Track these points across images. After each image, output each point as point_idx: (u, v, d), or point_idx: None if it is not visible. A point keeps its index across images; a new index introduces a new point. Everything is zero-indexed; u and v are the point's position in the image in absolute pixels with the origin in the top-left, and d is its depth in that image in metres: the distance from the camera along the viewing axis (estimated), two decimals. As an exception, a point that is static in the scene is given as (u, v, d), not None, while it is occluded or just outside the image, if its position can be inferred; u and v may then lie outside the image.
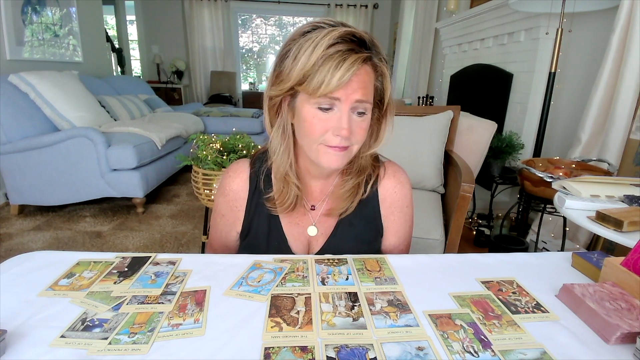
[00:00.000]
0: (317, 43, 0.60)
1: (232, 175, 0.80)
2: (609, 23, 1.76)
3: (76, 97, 2.80)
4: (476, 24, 2.98)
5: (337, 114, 0.64)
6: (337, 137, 0.64)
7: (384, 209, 0.81)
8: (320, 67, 0.60)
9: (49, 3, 3.24)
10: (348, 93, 0.62)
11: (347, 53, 0.60)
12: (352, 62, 0.60)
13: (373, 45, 0.65)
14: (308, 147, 0.68)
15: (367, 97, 0.64)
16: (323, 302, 0.60)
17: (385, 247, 0.85)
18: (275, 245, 0.80)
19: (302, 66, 0.61)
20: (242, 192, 0.80)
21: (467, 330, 0.54)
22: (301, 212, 0.80)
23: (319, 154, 0.67)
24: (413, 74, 4.70)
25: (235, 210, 0.81)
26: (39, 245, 2.19)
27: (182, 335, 0.53)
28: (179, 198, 3.06)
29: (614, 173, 1.54)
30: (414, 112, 2.04)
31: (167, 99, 5.75)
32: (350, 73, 0.60)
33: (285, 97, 0.68)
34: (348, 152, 0.68)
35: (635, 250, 0.63)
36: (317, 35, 0.61)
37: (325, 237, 0.80)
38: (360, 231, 0.80)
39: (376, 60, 0.65)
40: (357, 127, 0.66)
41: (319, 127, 0.64)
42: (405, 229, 0.85)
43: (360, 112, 0.65)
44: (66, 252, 0.75)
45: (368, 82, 0.64)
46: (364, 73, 0.63)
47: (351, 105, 0.63)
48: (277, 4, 6.28)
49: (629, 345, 0.52)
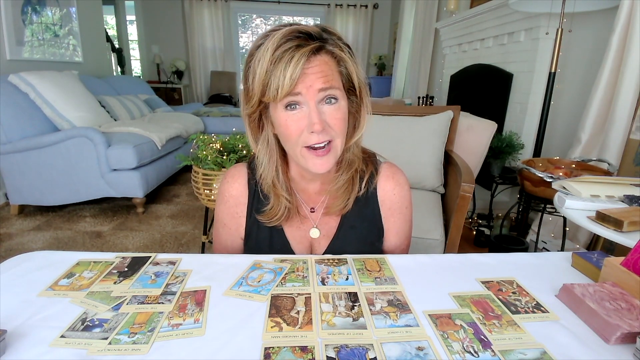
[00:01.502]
0: (266, 51, 0.60)
1: (230, 180, 0.80)
2: (609, 23, 1.76)
3: (76, 97, 2.80)
4: (476, 24, 2.98)
5: (306, 110, 0.64)
6: (312, 134, 0.64)
7: (384, 211, 0.81)
8: (272, 72, 0.60)
9: (49, 3, 3.24)
10: (307, 85, 0.62)
11: (294, 50, 0.60)
12: (300, 56, 0.60)
13: (325, 35, 0.65)
14: (293, 152, 0.68)
15: (329, 83, 0.63)
16: (323, 302, 0.60)
17: (387, 247, 0.85)
18: (278, 250, 0.79)
19: (260, 78, 0.62)
20: (241, 197, 0.80)
21: (467, 330, 0.54)
22: (302, 216, 0.80)
23: (305, 160, 0.67)
24: (413, 74, 4.70)
25: (236, 217, 0.81)
26: (39, 245, 2.20)
27: (182, 335, 0.53)
28: (179, 198, 3.06)
29: (614, 173, 1.54)
30: (414, 112, 2.04)
31: (167, 99, 5.75)
32: (299, 67, 0.60)
33: (262, 111, 0.69)
34: (333, 151, 0.67)
35: (635, 250, 0.63)
36: (268, 43, 0.61)
37: (329, 239, 0.80)
38: (363, 232, 0.81)
39: (330, 48, 0.64)
40: (332, 117, 0.65)
41: (293, 127, 0.64)
42: (406, 230, 0.85)
43: (330, 99, 0.64)
44: (66, 252, 0.75)
45: (327, 69, 0.63)
46: (320, 62, 0.63)
47: (316, 97, 0.63)
48: (277, 4, 6.28)
49: (629, 345, 0.52)
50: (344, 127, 0.67)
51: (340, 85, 0.66)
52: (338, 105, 0.65)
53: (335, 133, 0.66)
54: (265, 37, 0.63)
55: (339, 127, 0.66)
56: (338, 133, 0.66)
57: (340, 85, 0.66)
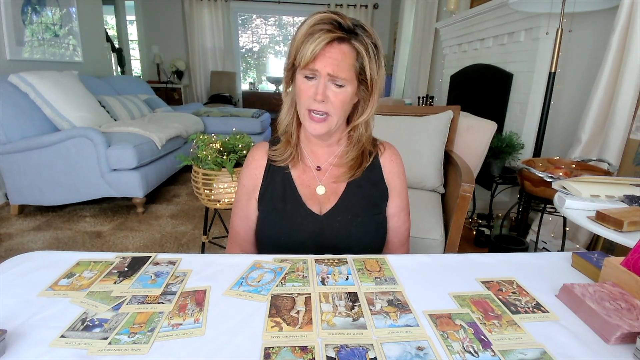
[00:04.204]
0: (306, 24, 0.76)
1: (254, 149, 0.97)
2: (609, 23, 1.76)
3: (76, 97, 2.80)
4: (476, 24, 2.98)
5: (317, 83, 0.77)
6: (314, 101, 0.78)
7: (386, 174, 0.94)
8: (303, 43, 0.75)
9: (49, 3, 3.24)
10: (323, 65, 0.75)
11: (324, 32, 0.74)
12: (324, 38, 0.73)
13: (358, 30, 0.77)
14: (299, 111, 0.83)
15: (338, 72, 0.76)
16: (323, 302, 0.60)
17: (392, 209, 0.94)
18: (292, 204, 0.89)
19: (296, 44, 0.77)
20: (261, 160, 0.93)
21: (467, 330, 0.54)
22: (310, 175, 0.91)
23: (305, 120, 0.81)
24: (413, 74, 4.70)
25: (254, 178, 0.93)
26: (39, 245, 2.19)
27: (182, 335, 0.53)
28: (179, 198, 3.06)
29: (614, 173, 1.54)
30: (414, 112, 2.04)
31: (167, 99, 5.74)
32: (320, 46, 0.73)
33: (294, 71, 0.82)
34: (327, 122, 0.81)
35: (635, 250, 0.63)
36: (309, 19, 0.76)
37: (337, 196, 0.90)
38: (368, 191, 0.91)
39: (355, 42, 0.77)
40: (334, 96, 0.78)
41: (304, 91, 0.79)
42: (405, 192, 0.97)
43: (338, 85, 0.78)
44: (66, 252, 0.75)
45: (342, 60, 0.76)
46: (338, 51, 0.75)
47: (326, 77, 0.76)
48: (277, 4, 6.28)
49: (629, 345, 0.52)
50: (341, 107, 0.80)
51: (351, 75, 0.78)
52: (342, 90, 0.78)
53: (333, 110, 0.79)
54: (312, 16, 0.77)
55: (336, 106, 0.79)
56: (335, 111, 0.80)
57: (351, 75, 0.78)
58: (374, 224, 0.91)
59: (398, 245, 0.97)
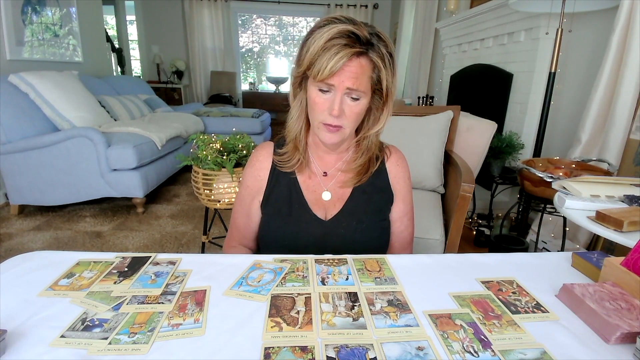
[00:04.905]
0: (322, 37, 0.72)
1: (259, 149, 0.94)
2: (609, 23, 1.76)
3: (76, 97, 2.80)
4: (476, 24, 2.98)
5: (333, 97, 0.76)
6: (330, 116, 0.77)
7: (392, 179, 0.94)
8: (319, 57, 0.72)
9: (49, 3, 3.24)
10: (341, 80, 0.73)
11: (342, 47, 0.71)
12: (343, 55, 0.71)
13: (374, 41, 0.75)
14: (312, 122, 0.82)
15: (357, 86, 0.74)
16: (323, 302, 0.60)
17: (395, 213, 0.94)
18: (297, 208, 0.88)
19: (310, 55, 0.73)
20: (265, 162, 0.92)
21: (467, 330, 0.54)
22: (315, 181, 0.90)
23: (319, 130, 0.80)
24: (413, 74, 4.70)
25: (258, 180, 0.91)
26: (39, 245, 2.19)
27: (182, 335, 0.53)
28: (179, 198, 3.06)
29: (614, 173, 1.54)
30: (414, 112, 2.04)
31: (167, 99, 5.74)
32: (340, 64, 0.71)
33: (305, 77, 0.80)
34: (341, 132, 0.80)
35: (635, 250, 0.63)
36: (325, 30, 0.72)
37: (342, 202, 0.89)
38: (374, 197, 0.91)
39: (372, 55, 0.75)
40: (349, 110, 0.77)
41: (319, 105, 0.77)
42: (409, 197, 0.97)
43: (354, 98, 0.76)
44: (66, 252, 0.75)
45: (361, 73, 0.74)
46: (357, 65, 0.73)
47: (343, 91, 0.75)
48: (277, 4, 6.28)
49: (629, 345, 0.52)
50: (356, 120, 0.80)
51: (368, 88, 0.77)
52: (358, 103, 0.77)
53: (347, 122, 0.79)
54: (327, 23, 0.74)
55: (351, 119, 0.79)
56: (349, 123, 0.79)
57: (368, 88, 0.77)
58: (379, 230, 0.91)
59: (400, 250, 0.97)
